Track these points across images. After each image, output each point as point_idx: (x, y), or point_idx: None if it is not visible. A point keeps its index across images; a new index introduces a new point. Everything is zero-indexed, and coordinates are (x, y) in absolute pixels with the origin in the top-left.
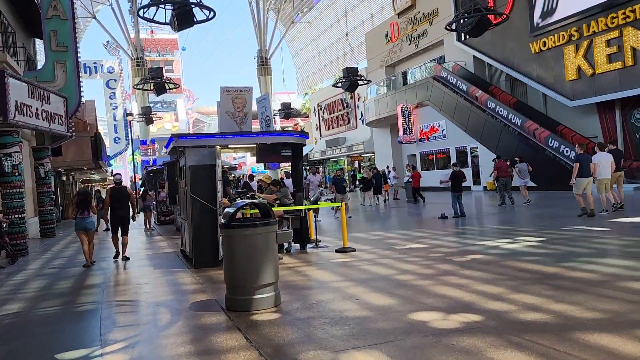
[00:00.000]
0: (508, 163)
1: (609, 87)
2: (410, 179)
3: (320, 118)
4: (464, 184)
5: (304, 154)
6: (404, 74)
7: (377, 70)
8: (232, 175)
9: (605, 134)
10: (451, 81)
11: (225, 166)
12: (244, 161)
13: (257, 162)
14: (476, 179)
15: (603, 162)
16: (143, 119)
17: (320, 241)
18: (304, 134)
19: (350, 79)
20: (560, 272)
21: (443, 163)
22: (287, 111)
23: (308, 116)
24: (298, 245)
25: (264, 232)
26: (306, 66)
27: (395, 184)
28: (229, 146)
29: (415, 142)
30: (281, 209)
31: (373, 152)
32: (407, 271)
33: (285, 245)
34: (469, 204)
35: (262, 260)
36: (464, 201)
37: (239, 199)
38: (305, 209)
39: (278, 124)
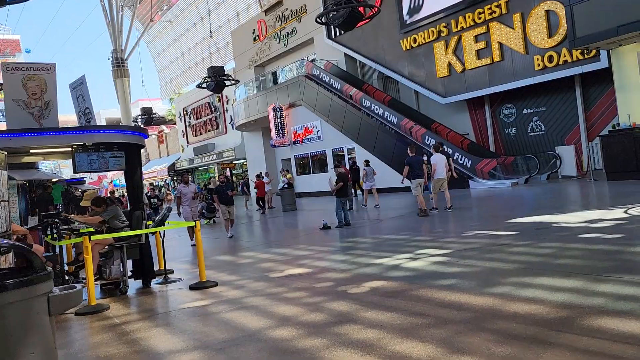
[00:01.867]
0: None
1: (479, 83)
2: (286, 185)
3: (187, 124)
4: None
5: (171, 163)
6: (274, 74)
7: (245, 71)
8: (79, 190)
9: (476, 130)
10: (324, 79)
11: (53, 179)
12: (104, 174)
13: (75, 171)
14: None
15: (439, 163)
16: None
17: (172, 272)
18: (141, 132)
19: (217, 79)
20: (498, 306)
21: (320, 166)
22: (149, 117)
23: (175, 123)
24: (140, 281)
25: (21, 301)
26: (169, 69)
27: (269, 190)
28: (31, 151)
29: (289, 145)
30: (110, 235)
31: (245, 158)
32: (287, 320)
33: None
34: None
35: (16, 355)
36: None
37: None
38: (147, 233)
39: None
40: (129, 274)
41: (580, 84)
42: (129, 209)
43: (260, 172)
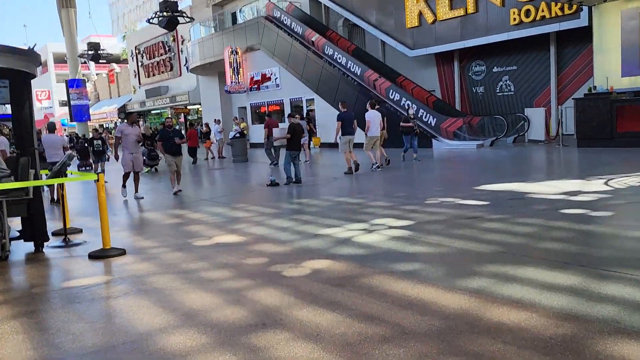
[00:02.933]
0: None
1: (450, 36)
2: (237, 134)
3: (139, 63)
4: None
5: (122, 104)
6: (234, 15)
7: (203, 9)
8: (8, 128)
9: (443, 87)
10: (285, 22)
11: None
12: (51, 112)
13: None
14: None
15: (374, 120)
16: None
17: (80, 232)
18: (29, 55)
19: (169, 15)
20: (475, 310)
21: (277, 116)
22: (96, 53)
23: (127, 62)
24: (32, 244)
25: None
26: (122, 2)
27: (220, 139)
28: None
29: (245, 91)
30: None
31: (200, 104)
32: (193, 316)
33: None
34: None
35: None
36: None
37: None
38: (37, 186)
39: (93, 70)
40: (16, 234)
41: (555, 42)
42: (15, 154)
43: (165, 122)
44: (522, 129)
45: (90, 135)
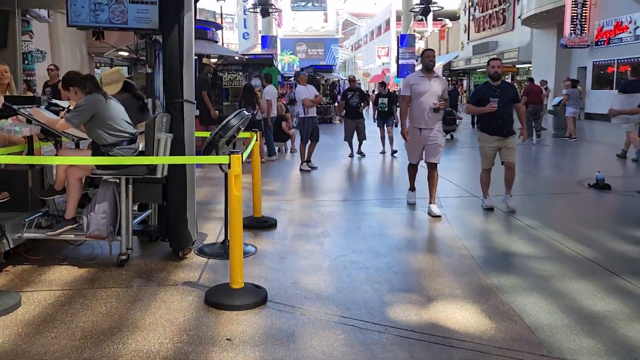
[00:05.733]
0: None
1: None
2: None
3: (471, 17)
4: None
5: (447, 61)
6: None
7: None
8: (325, 78)
9: None
10: None
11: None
12: (387, 67)
13: (69, 23)
14: None
15: None
16: (259, 10)
17: (270, 227)
18: None
19: None
20: None
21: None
22: (427, 6)
23: (459, 17)
24: (169, 244)
25: None
26: None
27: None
28: None
29: (588, 46)
30: (93, 160)
31: (530, 62)
32: None
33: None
34: None
35: None
36: None
37: None
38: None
39: (430, 26)
40: (135, 228)
41: None
42: (161, 105)
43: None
44: None
45: (367, 88)
